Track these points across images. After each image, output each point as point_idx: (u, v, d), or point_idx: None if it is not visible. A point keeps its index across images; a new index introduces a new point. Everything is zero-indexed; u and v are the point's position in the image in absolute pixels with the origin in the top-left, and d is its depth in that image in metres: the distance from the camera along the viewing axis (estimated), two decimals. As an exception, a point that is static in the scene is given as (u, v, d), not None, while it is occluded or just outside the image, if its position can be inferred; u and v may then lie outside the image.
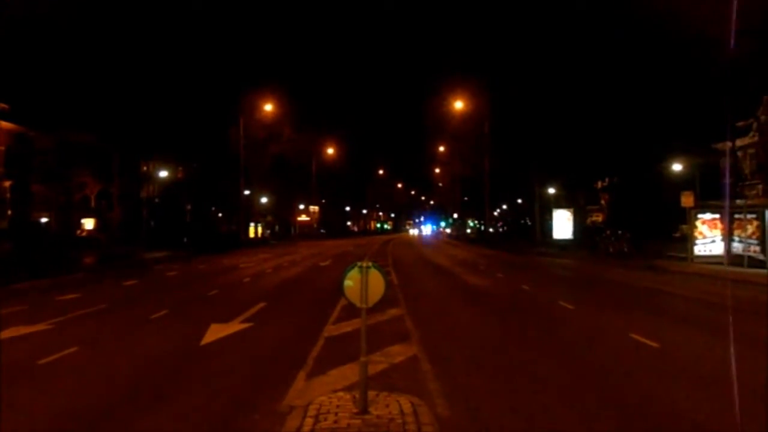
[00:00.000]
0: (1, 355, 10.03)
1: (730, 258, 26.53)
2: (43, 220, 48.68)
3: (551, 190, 55.15)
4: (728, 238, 27.68)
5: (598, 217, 63.59)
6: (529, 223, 71.20)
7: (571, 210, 49.35)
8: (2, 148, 45.33)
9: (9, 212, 43.39)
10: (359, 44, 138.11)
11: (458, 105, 57.18)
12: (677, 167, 39.30)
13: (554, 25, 43.94)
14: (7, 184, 43.49)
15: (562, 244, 44.98)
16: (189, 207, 63.65)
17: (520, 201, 79.40)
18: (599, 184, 62.49)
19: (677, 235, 42.83)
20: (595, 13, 40.38)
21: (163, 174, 53.90)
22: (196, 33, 71.89)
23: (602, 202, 64.16)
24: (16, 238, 31.80)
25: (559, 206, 50.63)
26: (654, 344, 10.66)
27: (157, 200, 58.89)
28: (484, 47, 62.61)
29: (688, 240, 30.01)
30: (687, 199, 29.53)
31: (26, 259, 26.45)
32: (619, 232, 40.39)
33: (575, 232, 48.00)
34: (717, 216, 29.01)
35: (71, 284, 22.08)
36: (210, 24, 78.87)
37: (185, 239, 49.25)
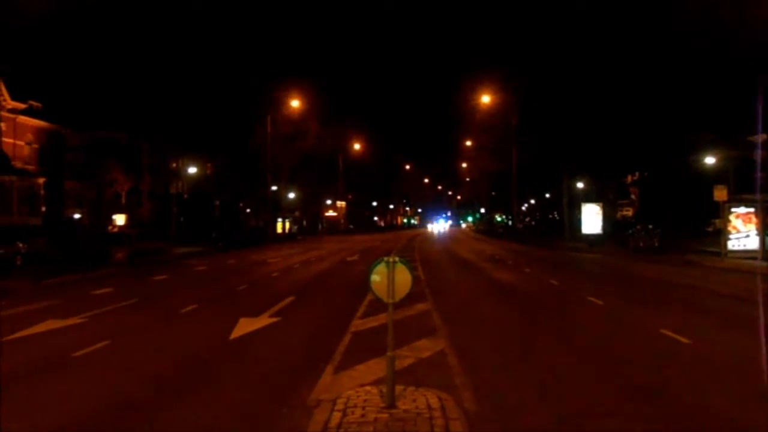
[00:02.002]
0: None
1: (765, 253, 25.97)
2: (76, 216, 49.60)
3: (580, 185, 54.44)
4: (763, 232, 27.09)
5: (628, 212, 62.74)
6: (558, 218, 70.54)
7: (601, 204, 48.65)
8: (36, 146, 46.29)
9: (43, 208, 44.30)
10: (386, 39, 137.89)
11: (485, 99, 56.70)
12: (710, 160, 38.51)
13: (583, 15, 43.32)
14: (41, 181, 44.40)
15: (592, 239, 44.44)
16: (217, 203, 64.30)
17: (548, 195, 78.63)
18: (629, 178, 61.61)
19: (710, 229, 42.06)
20: (624, 3, 39.76)
21: (192, 170, 54.51)
22: (224, 30, 72.55)
23: (632, 196, 63.29)
24: (51, 233, 32.44)
25: (588, 200, 49.90)
26: (685, 340, 10.49)
27: (186, 196, 59.61)
28: (511, 40, 61.95)
29: (722, 234, 29.42)
30: (720, 193, 28.92)
31: (60, 254, 26.96)
32: (650, 226, 39.77)
33: (605, 226, 47.35)
34: (752, 210, 28.42)
35: (103, 279, 22.48)
36: (237, 21, 79.42)
37: (214, 235, 49.76)
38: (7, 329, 11.89)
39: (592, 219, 47.23)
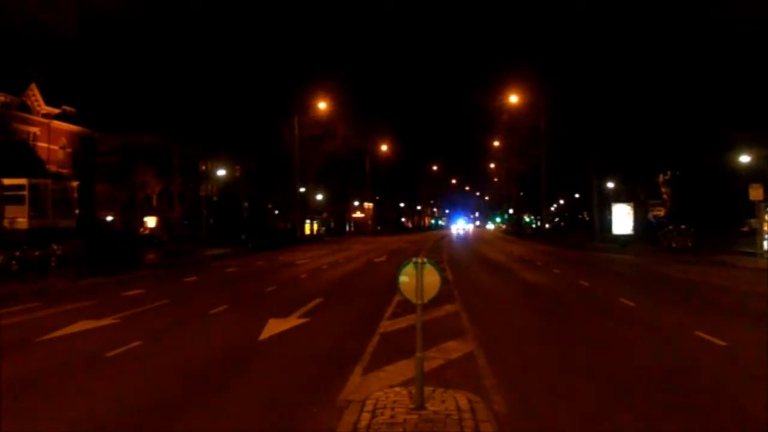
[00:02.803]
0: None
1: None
2: (108, 218, 50.47)
3: (610, 184, 53.71)
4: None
5: (660, 212, 61.72)
6: (587, 219, 69.68)
7: (632, 204, 47.93)
8: (69, 150, 47.22)
9: (76, 211, 45.16)
10: (413, 38, 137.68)
11: (513, 99, 56.31)
12: (745, 159, 37.67)
13: (613, 12, 42.74)
14: (75, 184, 45.26)
15: (622, 239, 43.80)
16: (246, 205, 64.86)
17: (577, 195, 77.73)
18: (661, 177, 60.59)
19: (745, 229, 41.11)
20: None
21: (221, 173, 55.08)
22: (252, 33, 73.22)
23: (664, 195, 62.23)
24: (84, 236, 33.06)
25: (619, 200, 49.22)
26: (721, 342, 10.26)
27: (215, 198, 60.25)
28: (540, 39, 61.48)
29: (757, 234, 28.77)
30: (756, 192, 28.24)
31: (93, 256, 27.45)
32: (683, 226, 39.05)
33: (636, 227, 46.63)
34: (788, 209, 27.73)
35: (135, 280, 22.82)
36: (264, 23, 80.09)
37: (243, 236, 50.23)
38: (42, 329, 12.15)
39: (622, 219, 46.57)
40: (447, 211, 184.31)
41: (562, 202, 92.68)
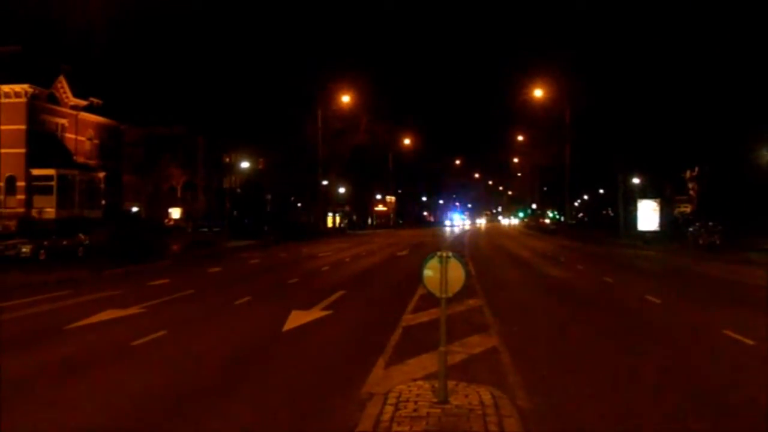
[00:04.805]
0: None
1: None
2: (134, 209, 51.13)
3: (636, 180, 53.05)
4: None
5: (687, 208, 60.85)
6: (612, 215, 68.94)
7: (657, 200, 47.37)
8: (96, 141, 47.88)
9: (103, 202, 45.80)
10: (438, 32, 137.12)
11: (538, 93, 55.81)
12: (775, 155, 36.95)
13: (638, 3, 42.12)
14: (102, 175, 45.88)
15: (648, 236, 43.28)
16: (269, 197, 65.21)
17: (602, 191, 76.90)
18: (688, 173, 59.70)
19: (774, 226, 40.35)
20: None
21: (245, 165, 55.42)
22: (276, 26, 73.46)
23: (691, 192, 61.31)
24: (110, 226, 33.50)
25: (644, 196, 48.65)
26: (749, 341, 10.09)
27: (239, 190, 60.68)
28: (566, 31, 60.75)
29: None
30: (786, 189, 27.72)
31: (120, 246, 27.78)
32: (710, 223, 38.47)
33: (662, 223, 46.07)
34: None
35: (160, 271, 23.07)
36: (289, 16, 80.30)
37: (266, 228, 50.54)
38: (71, 317, 12.34)
39: (648, 215, 46.04)
40: (469, 205, 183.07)
41: (586, 197, 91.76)
